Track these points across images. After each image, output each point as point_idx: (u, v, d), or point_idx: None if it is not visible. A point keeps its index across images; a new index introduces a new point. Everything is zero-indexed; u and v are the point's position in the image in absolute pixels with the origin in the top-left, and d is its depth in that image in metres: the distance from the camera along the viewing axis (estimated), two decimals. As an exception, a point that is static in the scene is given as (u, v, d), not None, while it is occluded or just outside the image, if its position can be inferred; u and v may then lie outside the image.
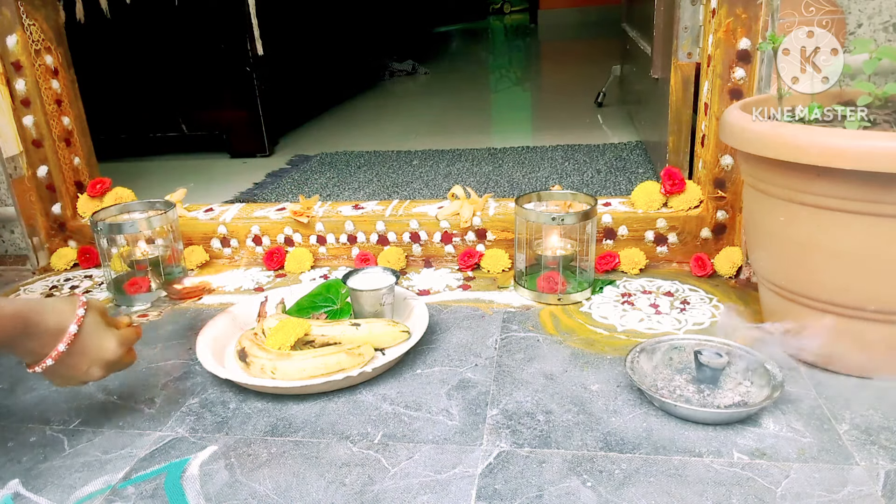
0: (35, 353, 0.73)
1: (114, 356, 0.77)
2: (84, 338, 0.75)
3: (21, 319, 0.71)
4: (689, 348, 0.88)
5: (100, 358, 0.76)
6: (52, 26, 1.35)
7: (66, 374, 0.76)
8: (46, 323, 0.73)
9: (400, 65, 3.76)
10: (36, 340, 0.72)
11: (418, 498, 0.69)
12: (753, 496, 0.66)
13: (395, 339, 0.94)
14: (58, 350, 0.73)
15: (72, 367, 0.75)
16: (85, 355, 0.75)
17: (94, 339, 0.76)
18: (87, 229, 1.39)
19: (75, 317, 0.74)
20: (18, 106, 1.32)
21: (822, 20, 1.00)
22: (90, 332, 0.75)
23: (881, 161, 0.70)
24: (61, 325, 0.73)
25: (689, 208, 1.18)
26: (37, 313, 0.72)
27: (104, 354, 0.77)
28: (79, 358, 0.75)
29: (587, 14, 5.85)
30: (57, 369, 0.74)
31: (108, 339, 0.77)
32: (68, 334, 0.73)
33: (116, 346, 0.78)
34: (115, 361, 0.78)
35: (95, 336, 0.76)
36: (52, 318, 0.73)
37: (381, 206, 1.33)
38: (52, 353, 0.73)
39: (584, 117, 2.41)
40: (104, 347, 0.77)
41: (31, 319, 0.72)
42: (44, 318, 0.73)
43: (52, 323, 0.73)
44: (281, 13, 2.34)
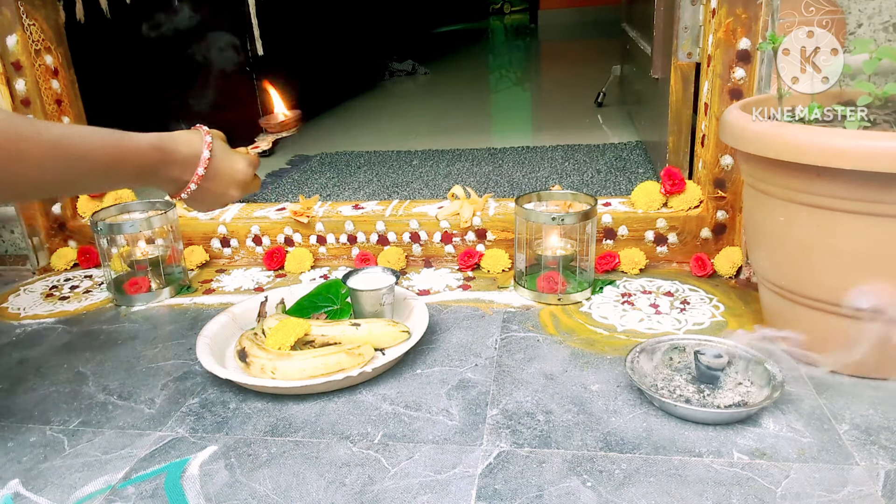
0: (176, 180, 0.78)
1: (245, 176, 0.82)
2: (217, 161, 0.79)
3: (158, 149, 0.75)
4: (689, 348, 0.88)
5: (234, 178, 0.81)
6: (52, 26, 1.35)
7: (207, 198, 0.80)
8: (181, 151, 0.77)
9: (400, 65, 3.75)
10: (175, 167, 0.77)
11: (418, 498, 0.69)
12: (753, 496, 0.66)
13: (395, 339, 0.94)
14: (198, 174, 0.77)
15: (211, 190, 0.80)
16: (221, 178, 0.80)
17: (226, 162, 0.80)
18: (87, 229, 1.39)
19: (205, 143, 0.78)
20: (18, 106, 1.32)
21: (822, 20, 1.00)
22: (221, 156, 0.80)
23: (881, 161, 0.70)
24: (195, 151, 0.77)
25: (689, 208, 1.18)
26: (171, 142, 0.76)
27: (237, 175, 0.82)
28: (216, 181, 0.80)
29: (587, 14, 5.85)
30: (199, 194, 0.79)
31: (238, 160, 0.82)
32: (203, 159, 0.77)
33: (246, 167, 0.83)
34: (247, 182, 0.83)
35: (226, 159, 0.80)
36: (185, 146, 0.77)
37: (381, 206, 1.33)
38: (193, 178, 0.77)
39: (584, 117, 2.41)
40: (236, 169, 0.81)
41: (167, 148, 0.75)
42: (178, 147, 0.76)
43: (186, 151, 0.77)
44: (281, 13, 2.34)
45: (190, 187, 0.78)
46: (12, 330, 1.13)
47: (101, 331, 1.10)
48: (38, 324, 1.14)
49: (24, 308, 1.21)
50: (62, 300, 1.23)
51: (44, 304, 1.22)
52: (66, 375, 0.97)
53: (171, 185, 0.78)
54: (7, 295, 1.28)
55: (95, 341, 1.07)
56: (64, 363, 1.00)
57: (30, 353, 1.04)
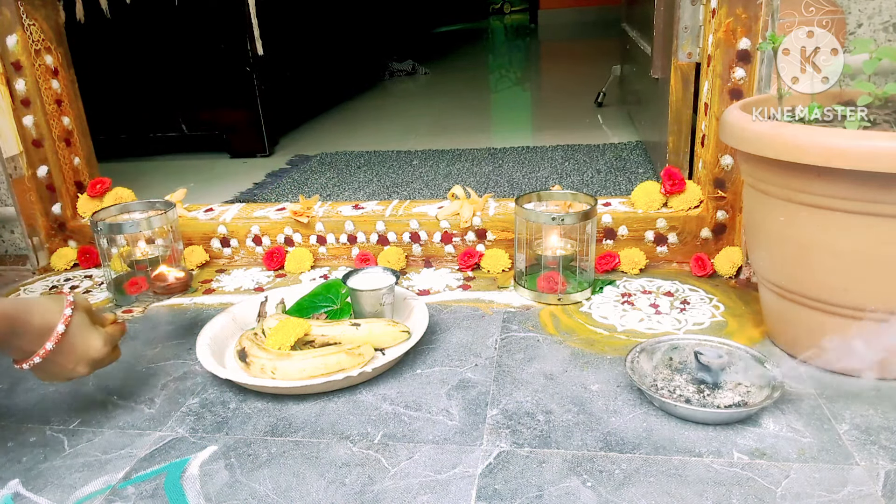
0: (23, 351, 0.75)
1: (99, 354, 0.79)
2: (71, 337, 0.76)
3: (8, 319, 0.72)
4: (689, 348, 0.88)
5: (86, 356, 0.78)
6: (52, 26, 1.35)
7: (52, 370, 0.77)
8: (34, 322, 0.74)
9: (400, 65, 3.75)
10: (24, 338, 0.74)
11: (418, 498, 0.69)
12: (753, 496, 0.66)
13: (395, 339, 0.94)
14: (45, 348, 0.74)
15: (59, 364, 0.77)
16: (72, 353, 0.77)
17: (81, 338, 0.77)
18: (87, 229, 1.39)
19: (62, 316, 0.75)
20: (18, 106, 1.32)
21: (822, 20, 1.00)
22: (77, 331, 0.77)
23: (881, 161, 0.70)
24: (49, 323, 0.75)
25: (689, 208, 1.18)
26: (25, 312, 0.73)
27: (90, 353, 0.78)
28: (66, 356, 0.76)
29: (587, 14, 5.85)
30: (44, 366, 0.76)
31: (95, 337, 0.79)
32: (56, 333, 0.75)
33: (102, 345, 0.79)
34: (100, 359, 0.80)
35: (82, 335, 0.77)
36: (40, 317, 0.74)
37: (381, 206, 1.33)
38: (39, 352, 0.74)
39: (584, 117, 2.41)
40: (91, 346, 0.78)
41: (18, 318, 0.73)
42: (31, 318, 0.74)
43: (39, 322, 0.74)
44: (281, 13, 2.34)
45: (34, 360, 0.74)
46: (12, 330, 1.13)
47: (101, 331, 1.10)
48: (38, 324, 1.14)
49: (24, 308, 1.21)
50: (62, 300, 1.23)
51: (44, 304, 1.22)
52: (65, 376, 0.97)
53: (17, 353, 0.75)
54: (7, 295, 1.28)
55: (95, 341, 1.07)
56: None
57: (30, 353, 1.04)
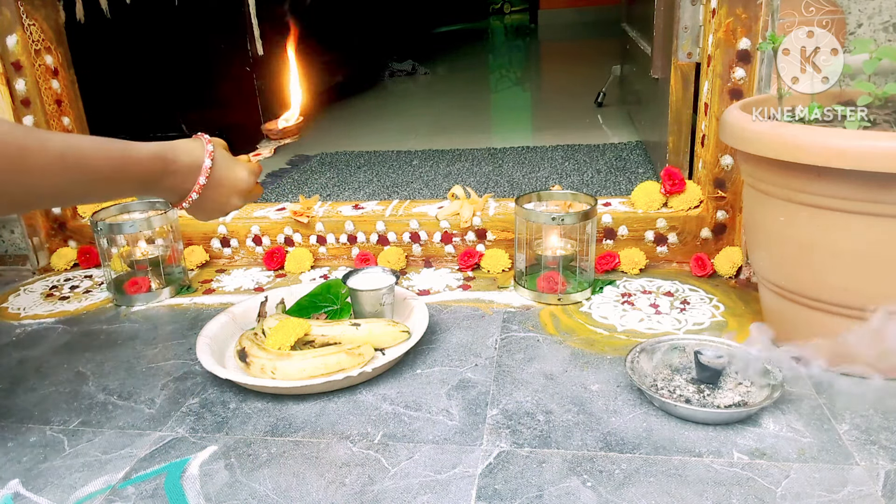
0: (177, 190, 0.77)
1: (247, 185, 0.82)
2: (219, 170, 0.79)
3: (160, 159, 0.74)
4: (689, 348, 0.88)
5: (236, 187, 0.81)
6: (52, 26, 1.35)
7: (208, 206, 0.80)
8: (182, 160, 0.76)
9: (400, 65, 3.75)
10: (176, 177, 0.76)
11: (418, 498, 0.69)
12: (753, 496, 0.66)
13: (395, 339, 0.94)
14: (199, 183, 0.77)
15: (213, 199, 0.80)
16: (223, 186, 0.80)
17: (228, 171, 0.80)
18: (87, 229, 1.39)
19: (206, 152, 0.78)
20: (18, 106, 1.32)
21: (822, 20, 1.00)
22: (222, 164, 0.80)
23: (881, 161, 0.70)
24: (196, 160, 0.77)
25: (689, 208, 1.18)
26: (171, 152, 0.76)
27: (239, 184, 0.81)
28: (217, 189, 0.79)
29: (587, 14, 5.84)
30: (201, 203, 0.79)
31: (240, 169, 0.82)
32: (205, 168, 0.77)
33: (248, 175, 0.82)
34: (248, 190, 0.83)
35: (228, 168, 0.80)
36: (186, 155, 0.77)
37: (381, 206, 1.33)
38: (194, 187, 0.77)
39: (584, 117, 2.40)
40: (238, 177, 0.81)
41: (168, 157, 0.75)
42: (179, 157, 0.76)
43: (187, 160, 0.77)
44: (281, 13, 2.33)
45: (192, 196, 0.77)
46: (12, 330, 1.13)
47: (101, 331, 1.10)
48: (38, 324, 1.14)
49: (24, 308, 1.21)
50: (62, 300, 1.23)
51: (44, 304, 1.22)
52: (66, 375, 0.97)
53: (173, 195, 0.78)
54: (7, 295, 1.28)
55: (95, 341, 1.07)
56: (64, 363, 1.00)
57: (30, 353, 1.04)
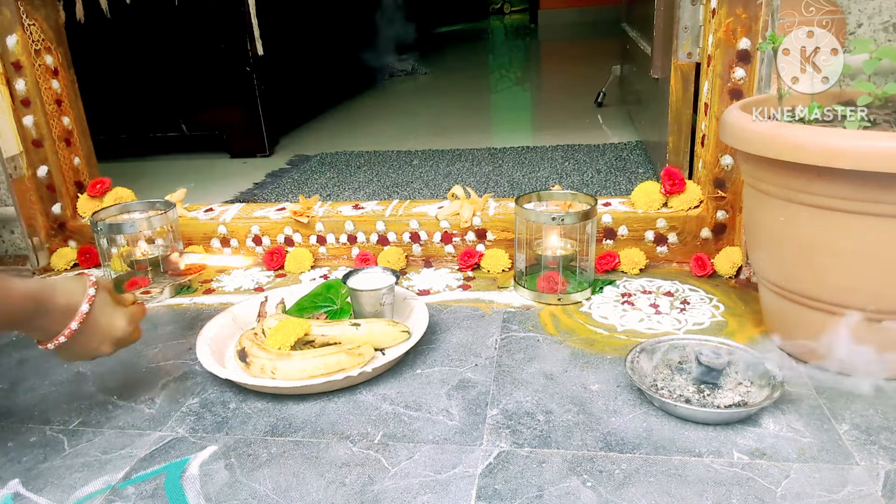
0: (47, 331, 0.76)
1: (122, 333, 0.80)
2: (95, 316, 0.77)
3: (34, 300, 0.73)
4: (689, 348, 0.88)
5: (110, 334, 0.79)
6: (52, 26, 1.35)
7: (76, 350, 0.78)
8: (58, 302, 0.75)
9: (400, 65, 3.76)
10: (48, 318, 0.75)
11: (418, 498, 0.69)
12: (753, 496, 0.66)
13: (395, 339, 0.94)
14: (70, 328, 0.75)
15: (83, 343, 0.78)
16: (96, 333, 0.78)
17: (105, 318, 0.78)
18: (87, 229, 1.39)
19: (86, 296, 0.76)
20: (18, 106, 1.32)
21: (822, 20, 1.00)
22: (100, 310, 0.78)
23: (881, 161, 0.70)
24: (73, 304, 0.76)
25: (689, 208, 1.18)
26: (49, 293, 0.74)
27: (114, 332, 0.80)
28: (90, 336, 0.78)
29: (587, 14, 5.85)
30: (68, 346, 0.77)
31: (118, 316, 0.80)
32: (80, 313, 0.76)
33: (126, 324, 0.81)
34: (123, 337, 0.81)
35: (105, 314, 0.79)
36: (64, 297, 0.76)
37: (381, 206, 1.33)
38: (65, 332, 0.75)
39: (584, 117, 2.41)
40: (114, 325, 0.79)
41: (43, 299, 0.74)
42: (55, 298, 0.75)
43: (63, 302, 0.75)
44: (281, 13, 2.33)
45: (59, 339, 0.75)
46: (12, 330, 1.13)
47: (101, 331, 1.10)
48: (38, 324, 1.14)
49: (24, 308, 1.21)
50: (62, 300, 1.23)
51: (44, 304, 1.22)
52: (66, 375, 0.97)
53: (42, 334, 0.76)
54: (7, 295, 1.27)
55: (95, 341, 1.07)
56: (64, 363, 1.00)
57: (30, 353, 1.04)
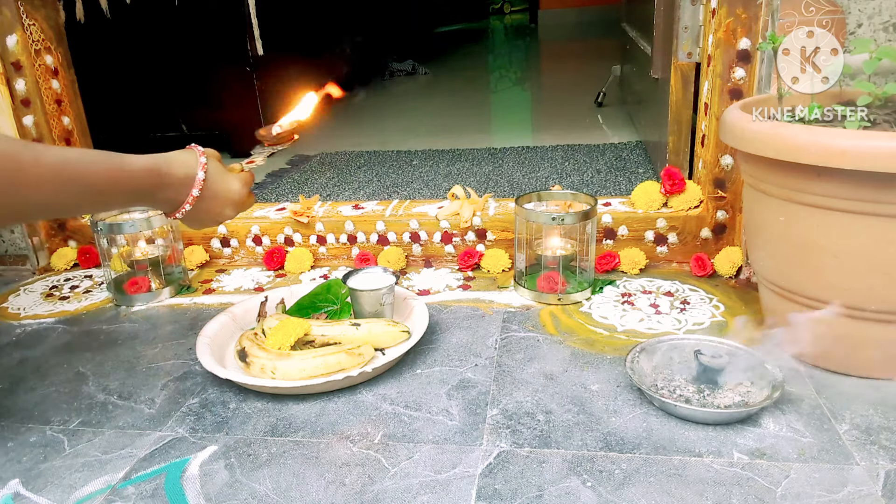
0: (171, 201, 0.79)
1: (239, 196, 0.83)
2: (212, 182, 0.80)
3: (154, 172, 0.75)
4: (689, 348, 0.88)
5: (228, 199, 0.82)
6: (52, 26, 1.35)
7: (201, 217, 0.81)
8: (176, 173, 0.77)
9: (400, 65, 3.76)
10: (169, 190, 0.77)
11: (418, 498, 0.69)
12: (753, 496, 0.66)
13: (395, 339, 0.94)
14: (193, 195, 0.78)
15: (206, 210, 0.81)
16: (216, 198, 0.81)
17: (221, 183, 0.81)
18: (87, 229, 1.39)
19: (200, 164, 0.79)
20: (18, 106, 1.32)
21: (822, 20, 1.00)
22: (215, 176, 0.81)
23: (881, 161, 0.70)
24: (189, 173, 0.78)
25: (689, 208, 1.18)
26: (165, 165, 0.77)
27: (231, 195, 0.82)
28: (211, 201, 0.80)
29: (587, 14, 5.85)
30: (193, 213, 0.80)
31: (233, 180, 0.83)
32: (198, 180, 0.78)
33: (241, 186, 0.84)
34: (241, 201, 0.84)
35: (221, 179, 0.81)
36: (180, 168, 0.78)
37: (381, 206, 1.33)
38: (188, 199, 0.78)
39: (584, 117, 2.41)
40: (231, 189, 0.82)
41: (162, 170, 0.76)
42: (173, 169, 0.77)
43: (181, 172, 0.78)
44: (281, 13, 2.33)
45: (185, 208, 0.79)
46: (12, 330, 1.13)
47: (101, 331, 1.10)
48: (38, 324, 1.14)
49: (24, 308, 1.21)
50: (62, 300, 1.23)
51: (44, 304, 1.22)
52: (66, 375, 0.97)
53: (167, 206, 0.79)
54: (7, 295, 1.28)
55: (95, 341, 1.07)
56: (64, 363, 1.00)
57: (30, 353, 1.04)
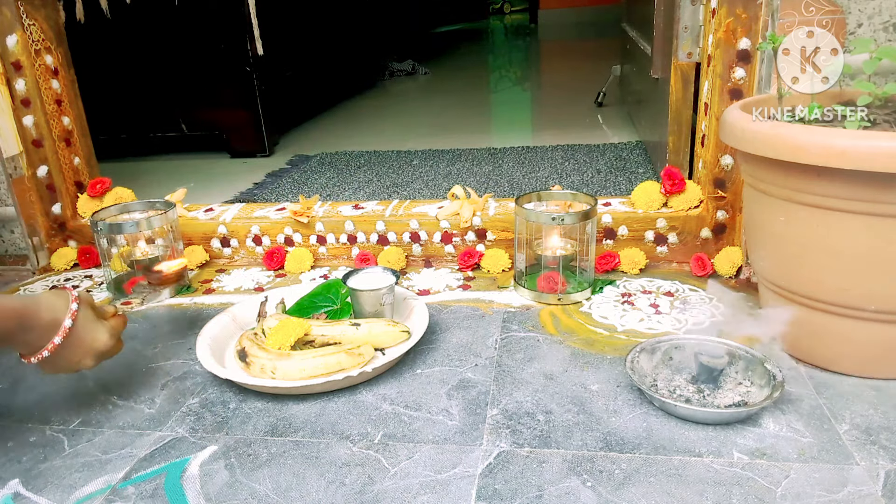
0: (31, 346, 0.76)
1: (105, 346, 0.81)
2: (78, 331, 0.78)
3: (17, 315, 0.74)
4: (689, 348, 0.88)
5: (92, 348, 0.80)
6: (52, 26, 1.35)
7: (59, 364, 0.79)
8: (42, 317, 0.76)
9: (400, 65, 3.76)
10: (32, 334, 0.75)
11: (418, 498, 0.69)
12: (753, 496, 0.66)
13: (395, 339, 0.94)
14: (54, 343, 0.76)
15: (66, 358, 0.78)
16: (79, 347, 0.79)
17: (88, 332, 0.79)
18: (87, 229, 1.39)
19: (69, 311, 0.77)
20: (18, 106, 1.32)
21: (822, 20, 1.00)
22: (83, 325, 0.79)
23: (881, 161, 0.70)
24: (56, 318, 0.77)
25: (689, 208, 1.18)
26: (33, 309, 0.75)
27: (96, 345, 0.80)
28: (73, 350, 0.78)
29: (587, 14, 5.85)
30: (52, 360, 0.78)
31: (100, 330, 0.81)
32: (63, 328, 0.76)
33: (108, 338, 0.82)
34: (106, 351, 0.82)
35: (88, 329, 0.79)
36: (47, 312, 0.76)
37: (381, 206, 1.33)
38: (48, 346, 0.76)
39: (584, 117, 2.41)
40: (97, 339, 0.80)
41: (26, 314, 0.74)
42: (39, 313, 0.75)
43: (47, 317, 0.76)
44: (281, 13, 2.34)
45: (42, 354, 0.76)
46: (12, 330, 1.13)
47: (101, 331, 1.10)
48: (38, 324, 1.14)
49: (24, 308, 1.21)
50: (62, 300, 1.23)
51: (44, 304, 1.22)
52: (65, 375, 0.97)
53: (25, 348, 0.77)
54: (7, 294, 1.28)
55: (95, 341, 1.07)
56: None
57: (30, 353, 1.04)
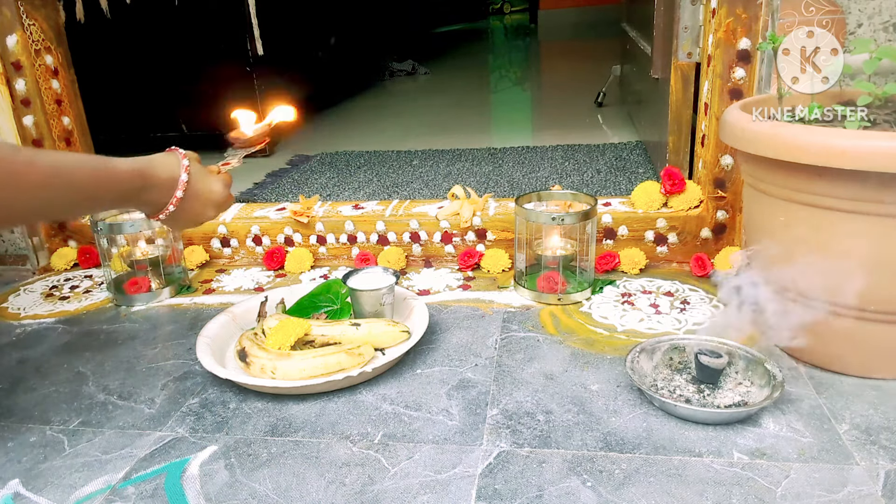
0: (153, 204, 0.80)
1: (221, 196, 0.85)
2: (194, 183, 0.82)
3: (139, 174, 0.77)
4: (689, 348, 0.88)
5: (211, 199, 0.84)
6: (52, 26, 1.35)
7: (184, 218, 0.83)
8: (160, 175, 0.79)
9: (400, 65, 3.76)
10: (153, 192, 0.79)
11: (418, 498, 0.69)
12: (753, 496, 0.66)
13: (395, 339, 0.94)
14: (177, 197, 0.80)
15: (188, 210, 0.82)
16: (198, 198, 0.83)
17: (203, 184, 0.83)
18: (87, 229, 1.39)
19: (182, 166, 0.81)
20: (18, 106, 1.32)
21: (822, 20, 1.00)
22: (197, 178, 0.82)
23: (881, 161, 0.70)
24: (173, 175, 0.80)
25: (689, 208, 1.18)
26: (150, 168, 0.78)
27: (213, 196, 0.85)
28: (193, 202, 0.82)
29: (587, 14, 5.84)
30: (176, 215, 0.82)
31: (214, 182, 0.85)
32: (181, 182, 0.80)
33: (221, 188, 0.86)
34: (222, 201, 0.86)
35: (203, 181, 0.83)
36: (164, 170, 0.79)
37: (381, 206, 1.33)
38: (172, 200, 0.80)
39: (584, 117, 2.41)
40: (213, 190, 0.84)
41: (146, 173, 0.78)
42: (157, 171, 0.79)
43: (164, 175, 0.79)
44: (281, 13, 2.33)
45: (168, 209, 0.80)
46: (12, 330, 1.13)
47: (101, 331, 1.10)
48: (38, 324, 1.14)
49: (24, 308, 1.21)
50: (62, 300, 1.23)
51: (44, 303, 1.22)
52: (66, 375, 0.97)
53: (151, 208, 0.81)
54: (7, 295, 1.28)
55: (95, 341, 1.07)
56: (64, 363, 1.00)
57: (30, 353, 1.04)
